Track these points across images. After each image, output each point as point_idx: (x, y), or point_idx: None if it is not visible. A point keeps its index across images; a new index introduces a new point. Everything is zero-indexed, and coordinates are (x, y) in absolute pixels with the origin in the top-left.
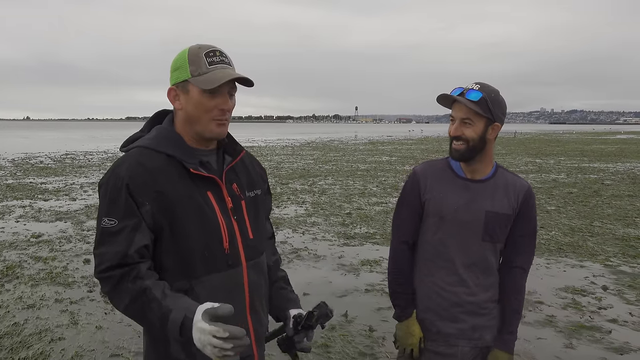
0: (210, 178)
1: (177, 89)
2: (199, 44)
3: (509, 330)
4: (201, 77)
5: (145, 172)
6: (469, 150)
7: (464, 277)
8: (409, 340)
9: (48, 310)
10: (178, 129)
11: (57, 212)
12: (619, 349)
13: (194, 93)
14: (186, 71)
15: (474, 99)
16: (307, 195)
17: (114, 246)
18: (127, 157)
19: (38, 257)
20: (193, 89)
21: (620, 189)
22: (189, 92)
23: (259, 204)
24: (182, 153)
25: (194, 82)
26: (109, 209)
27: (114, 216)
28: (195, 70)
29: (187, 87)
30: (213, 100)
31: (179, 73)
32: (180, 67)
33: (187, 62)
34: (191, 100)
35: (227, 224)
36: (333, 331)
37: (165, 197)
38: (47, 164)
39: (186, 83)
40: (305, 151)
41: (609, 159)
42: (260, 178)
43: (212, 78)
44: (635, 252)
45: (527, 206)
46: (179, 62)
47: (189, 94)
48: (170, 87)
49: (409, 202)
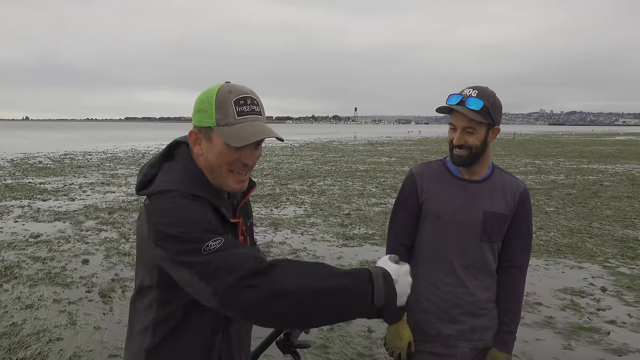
0: (236, 223)
1: (199, 133)
2: (230, 86)
3: (508, 330)
4: (227, 128)
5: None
6: (472, 156)
7: (462, 277)
8: (398, 343)
9: (46, 310)
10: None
11: (56, 212)
12: (617, 350)
13: (217, 142)
14: (212, 117)
15: (475, 108)
16: (306, 196)
17: (245, 249)
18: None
19: (36, 257)
20: (217, 139)
21: (619, 191)
22: (211, 140)
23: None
24: (217, 200)
25: (219, 133)
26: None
27: (218, 235)
28: (221, 119)
29: (211, 134)
30: (237, 153)
31: (202, 116)
32: (205, 110)
33: (214, 107)
34: (213, 150)
35: None
36: (332, 332)
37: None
38: (46, 164)
39: (210, 130)
40: (304, 152)
41: (608, 160)
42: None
43: (239, 134)
44: (634, 253)
45: (523, 206)
46: (205, 105)
47: (212, 142)
48: (192, 130)
49: (407, 203)
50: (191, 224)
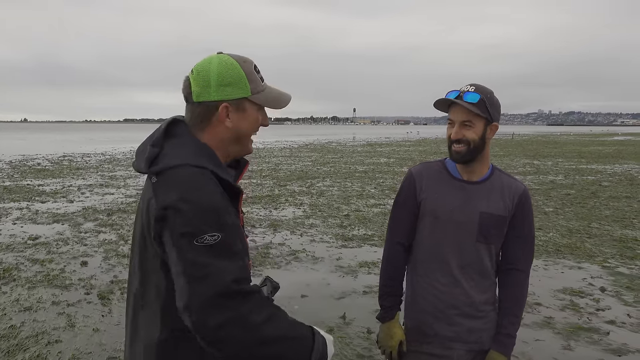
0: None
1: (230, 106)
2: (239, 56)
3: (506, 332)
4: (261, 95)
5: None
6: (470, 152)
7: (458, 278)
8: (389, 342)
9: (45, 312)
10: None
11: (55, 214)
12: (617, 351)
13: (252, 111)
14: (245, 88)
15: (472, 100)
16: (305, 197)
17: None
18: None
19: (35, 260)
20: (250, 107)
21: (618, 191)
22: (245, 110)
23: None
24: (227, 174)
25: (258, 100)
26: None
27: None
28: (255, 88)
29: (244, 104)
30: (263, 117)
31: (234, 89)
32: (235, 82)
33: (245, 78)
34: (247, 119)
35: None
36: (331, 333)
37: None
38: (44, 166)
39: (243, 101)
40: (303, 153)
41: (606, 160)
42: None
43: (275, 97)
44: (633, 253)
45: (522, 208)
46: (233, 77)
47: (246, 112)
48: (224, 104)
49: (405, 202)
50: (198, 206)
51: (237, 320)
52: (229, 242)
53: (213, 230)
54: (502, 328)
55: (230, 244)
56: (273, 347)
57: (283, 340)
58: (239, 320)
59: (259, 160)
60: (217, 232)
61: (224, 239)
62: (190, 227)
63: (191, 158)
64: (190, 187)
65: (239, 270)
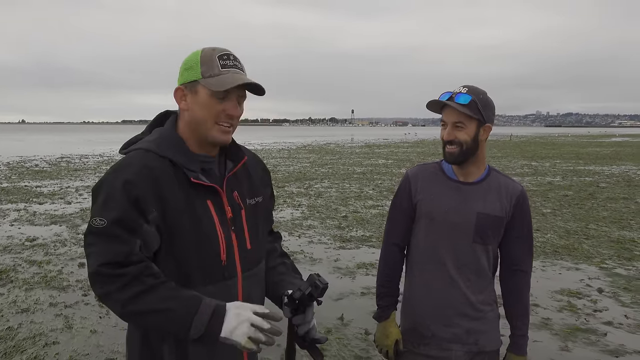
0: (211, 187)
1: (185, 89)
2: (213, 47)
3: (520, 333)
4: (212, 79)
5: (151, 177)
6: (463, 153)
7: (455, 278)
8: (385, 341)
9: (42, 314)
10: (181, 132)
11: (52, 215)
12: (614, 352)
13: (202, 95)
14: (197, 72)
15: (463, 102)
16: (303, 198)
17: (116, 244)
18: (129, 159)
19: (32, 261)
20: (202, 91)
21: (616, 192)
22: (197, 93)
23: (259, 212)
24: (184, 159)
25: (204, 84)
26: (110, 208)
27: (114, 215)
28: (206, 71)
29: (196, 87)
30: (221, 104)
31: (189, 73)
32: (191, 67)
33: (199, 63)
34: (198, 102)
35: (226, 235)
36: (329, 334)
37: (167, 205)
38: (42, 168)
39: (195, 83)
40: (301, 154)
41: (604, 161)
42: (263, 183)
43: (223, 81)
44: (631, 254)
45: (520, 208)
46: (191, 62)
47: (197, 95)
48: (178, 87)
49: (401, 204)
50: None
51: (106, 297)
52: (114, 227)
53: (102, 214)
54: (516, 330)
55: (114, 229)
56: (145, 318)
57: (153, 313)
58: (108, 297)
59: None
60: (104, 216)
61: (108, 225)
62: (92, 210)
63: (152, 144)
64: (110, 173)
65: (114, 255)
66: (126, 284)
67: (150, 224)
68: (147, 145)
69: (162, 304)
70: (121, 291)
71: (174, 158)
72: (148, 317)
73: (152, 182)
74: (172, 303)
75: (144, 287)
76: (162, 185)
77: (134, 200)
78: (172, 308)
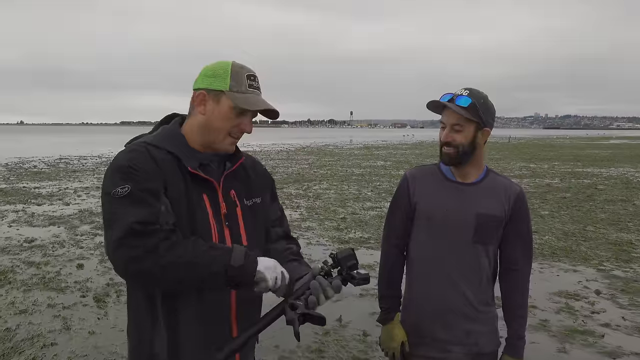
0: (208, 181)
1: (208, 95)
2: (241, 64)
3: (517, 335)
4: (239, 95)
5: (153, 162)
6: (459, 156)
7: (455, 279)
8: (390, 344)
9: (40, 315)
10: (185, 131)
11: (51, 216)
12: (612, 353)
13: (224, 106)
14: (226, 83)
15: (463, 104)
16: (302, 199)
17: (145, 207)
18: (133, 147)
19: (31, 262)
20: (226, 102)
21: (614, 194)
22: (220, 103)
23: (258, 213)
24: (182, 152)
25: (231, 97)
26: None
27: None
28: (235, 86)
29: (220, 97)
30: (238, 119)
31: (216, 80)
32: (219, 75)
33: (229, 75)
34: (219, 111)
35: (219, 229)
36: (327, 336)
37: (168, 190)
38: (40, 169)
39: (220, 94)
40: (300, 156)
41: (602, 163)
42: (262, 186)
43: (250, 100)
44: (628, 256)
45: (519, 209)
46: (220, 71)
47: (220, 104)
48: (201, 90)
49: (400, 205)
50: (121, 168)
51: (142, 255)
52: (138, 192)
53: (124, 183)
54: (513, 331)
55: (139, 193)
56: (182, 268)
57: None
58: (144, 255)
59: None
60: (127, 183)
61: (133, 189)
62: (107, 185)
63: (154, 138)
64: (119, 155)
65: (145, 214)
66: (163, 238)
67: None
68: (149, 139)
69: (201, 255)
70: (159, 245)
71: (173, 150)
72: (186, 266)
73: (154, 166)
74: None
75: (178, 238)
76: (164, 171)
77: (151, 171)
78: (209, 252)
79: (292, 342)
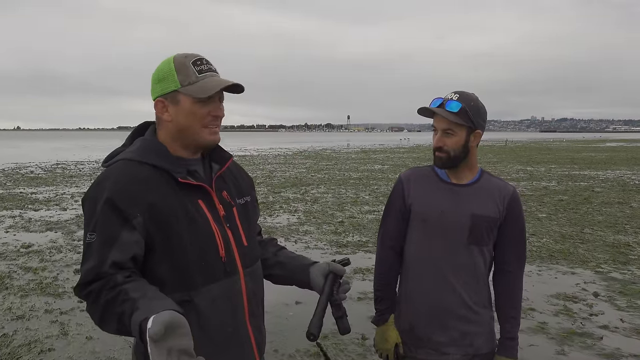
0: (200, 186)
1: (166, 101)
2: (184, 53)
3: (509, 336)
4: (192, 86)
5: (134, 184)
6: (452, 160)
7: (450, 280)
8: (384, 345)
9: (38, 321)
10: (162, 140)
11: (48, 222)
12: (610, 355)
13: (185, 103)
14: (175, 81)
15: (453, 109)
16: (300, 203)
17: (90, 262)
18: (111, 170)
19: (28, 268)
20: (184, 99)
21: (610, 196)
22: (179, 103)
23: (250, 211)
24: (168, 163)
25: (185, 92)
26: (91, 223)
27: (94, 230)
28: (184, 79)
29: (177, 97)
30: (205, 107)
31: (165, 84)
32: (165, 77)
33: (174, 72)
34: (182, 111)
35: (221, 232)
36: (325, 340)
37: (157, 209)
38: (37, 174)
39: (175, 94)
40: (297, 160)
41: (599, 166)
42: (249, 185)
43: (205, 86)
44: (626, 258)
45: (513, 209)
46: (164, 73)
47: (180, 104)
48: (158, 99)
49: (395, 207)
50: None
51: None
52: (99, 244)
53: (91, 230)
54: (505, 332)
55: (99, 246)
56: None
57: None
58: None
59: (253, 167)
60: (94, 232)
61: (96, 241)
62: (85, 217)
63: (134, 154)
64: (97, 183)
65: (84, 274)
66: (93, 306)
67: (134, 230)
68: (129, 155)
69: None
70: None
71: (158, 163)
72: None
73: (135, 189)
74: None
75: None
76: (148, 190)
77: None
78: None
79: (290, 346)
